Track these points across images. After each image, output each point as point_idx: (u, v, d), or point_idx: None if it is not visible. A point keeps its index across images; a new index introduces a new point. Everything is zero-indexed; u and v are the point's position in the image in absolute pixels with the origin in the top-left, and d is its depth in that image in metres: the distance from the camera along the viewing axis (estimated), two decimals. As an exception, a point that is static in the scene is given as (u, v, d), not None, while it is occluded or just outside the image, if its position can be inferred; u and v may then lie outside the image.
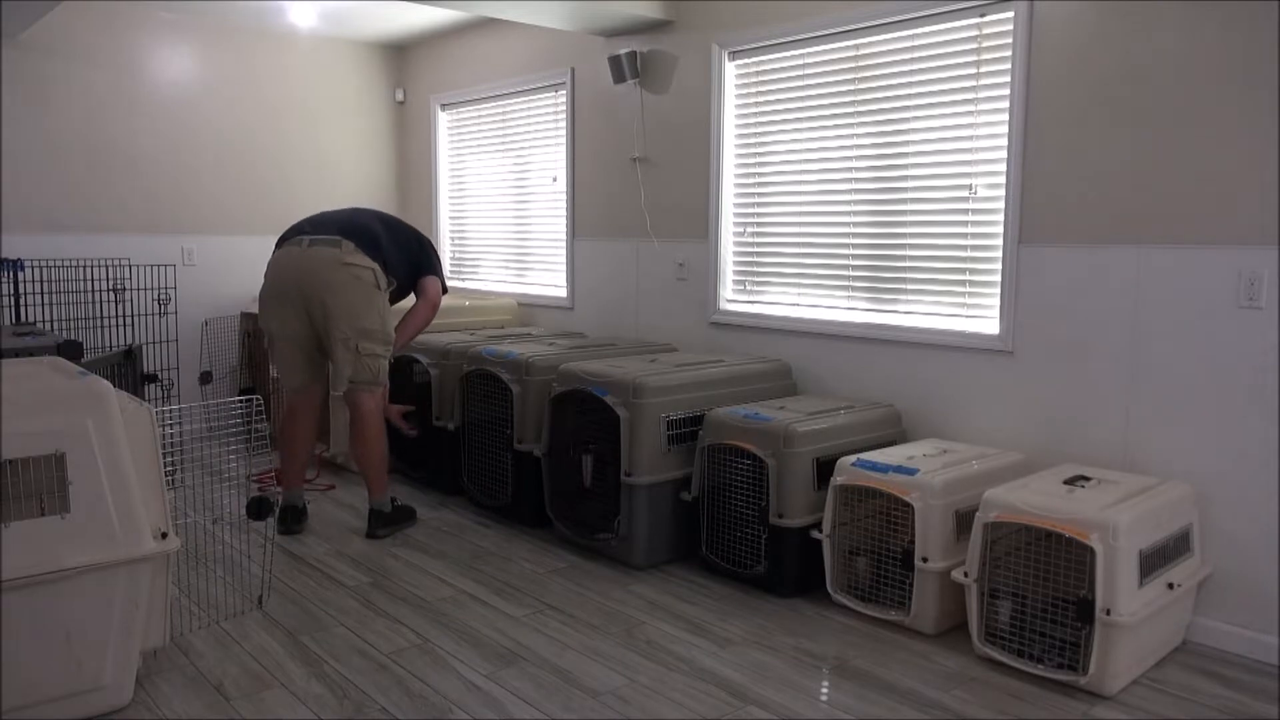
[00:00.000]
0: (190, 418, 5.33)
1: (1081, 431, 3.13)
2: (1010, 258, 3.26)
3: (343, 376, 3.59)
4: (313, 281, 3.50)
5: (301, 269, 3.52)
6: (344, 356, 3.54)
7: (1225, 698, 2.56)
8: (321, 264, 3.51)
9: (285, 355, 3.63)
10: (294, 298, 3.53)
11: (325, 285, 3.49)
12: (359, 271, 3.53)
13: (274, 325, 3.61)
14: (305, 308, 3.53)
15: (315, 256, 3.52)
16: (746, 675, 2.64)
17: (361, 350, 3.55)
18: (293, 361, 3.63)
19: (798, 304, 4.02)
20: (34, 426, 2.20)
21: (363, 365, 3.58)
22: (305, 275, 3.51)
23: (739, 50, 4.12)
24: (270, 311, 3.61)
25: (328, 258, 3.51)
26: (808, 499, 3.16)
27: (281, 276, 3.57)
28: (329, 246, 3.54)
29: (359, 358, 3.56)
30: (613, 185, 4.78)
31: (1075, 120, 3.08)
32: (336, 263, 3.51)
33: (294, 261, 3.55)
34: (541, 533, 3.87)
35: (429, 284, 3.86)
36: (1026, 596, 2.72)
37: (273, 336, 3.63)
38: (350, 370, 3.57)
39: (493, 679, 2.60)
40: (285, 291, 3.55)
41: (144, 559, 2.31)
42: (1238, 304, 2.78)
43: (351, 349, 3.53)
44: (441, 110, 5.96)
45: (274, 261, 3.63)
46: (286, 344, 3.61)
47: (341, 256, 3.51)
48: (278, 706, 2.44)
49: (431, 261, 3.89)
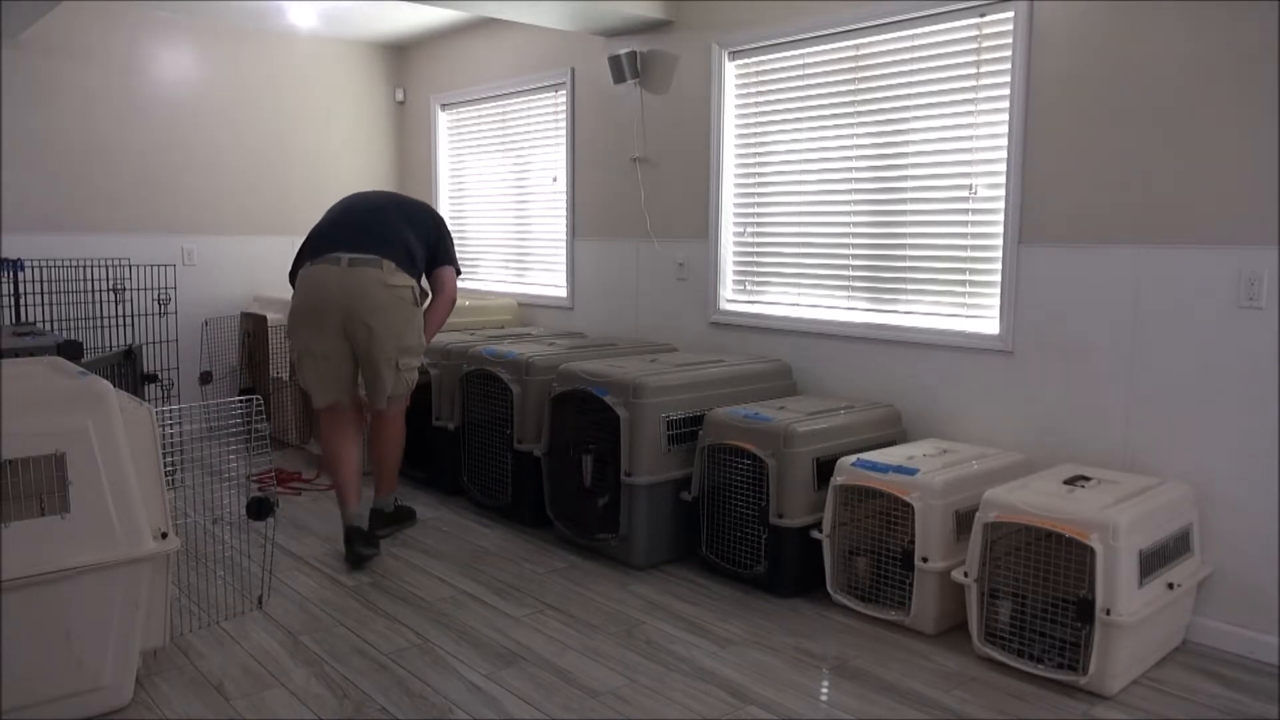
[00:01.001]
0: (190, 418, 5.33)
1: (1081, 431, 3.13)
2: (1010, 258, 3.26)
3: (384, 394, 3.52)
4: (357, 305, 3.39)
5: (344, 291, 3.40)
6: (388, 375, 3.49)
7: (1225, 698, 2.56)
8: (366, 286, 3.40)
9: (319, 373, 3.50)
10: (334, 318, 3.42)
11: (370, 309, 3.40)
12: (401, 292, 3.47)
13: (309, 343, 3.48)
14: (344, 328, 3.44)
15: (358, 278, 3.40)
16: (746, 675, 2.64)
17: (402, 367, 3.52)
18: (326, 379, 3.51)
19: (798, 304, 4.02)
20: (34, 426, 2.20)
21: (401, 380, 3.54)
22: (349, 298, 3.39)
23: (739, 50, 4.12)
24: (306, 330, 3.47)
25: (371, 279, 3.41)
26: (808, 499, 3.16)
27: (320, 296, 3.42)
28: (371, 268, 3.42)
29: (399, 374, 3.52)
30: (613, 185, 4.78)
31: (1075, 120, 3.08)
32: (380, 284, 3.41)
33: (334, 281, 3.41)
34: (541, 533, 3.86)
35: (446, 276, 3.74)
36: (1026, 596, 2.72)
37: (306, 354, 3.50)
38: (390, 387, 3.52)
39: (493, 679, 2.60)
40: (324, 311, 3.42)
41: (144, 559, 2.31)
42: (1238, 304, 2.78)
43: (394, 367, 3.49)
44: (441, 110, 5.96)
45: (310, 280, 3.46)
46: (321, 362, 3.49)
47: (384, 278, 3.42)
48: (278, 706, 2.44)
49: (448, 248, 3.77)
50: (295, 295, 3.52)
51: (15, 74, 4.87)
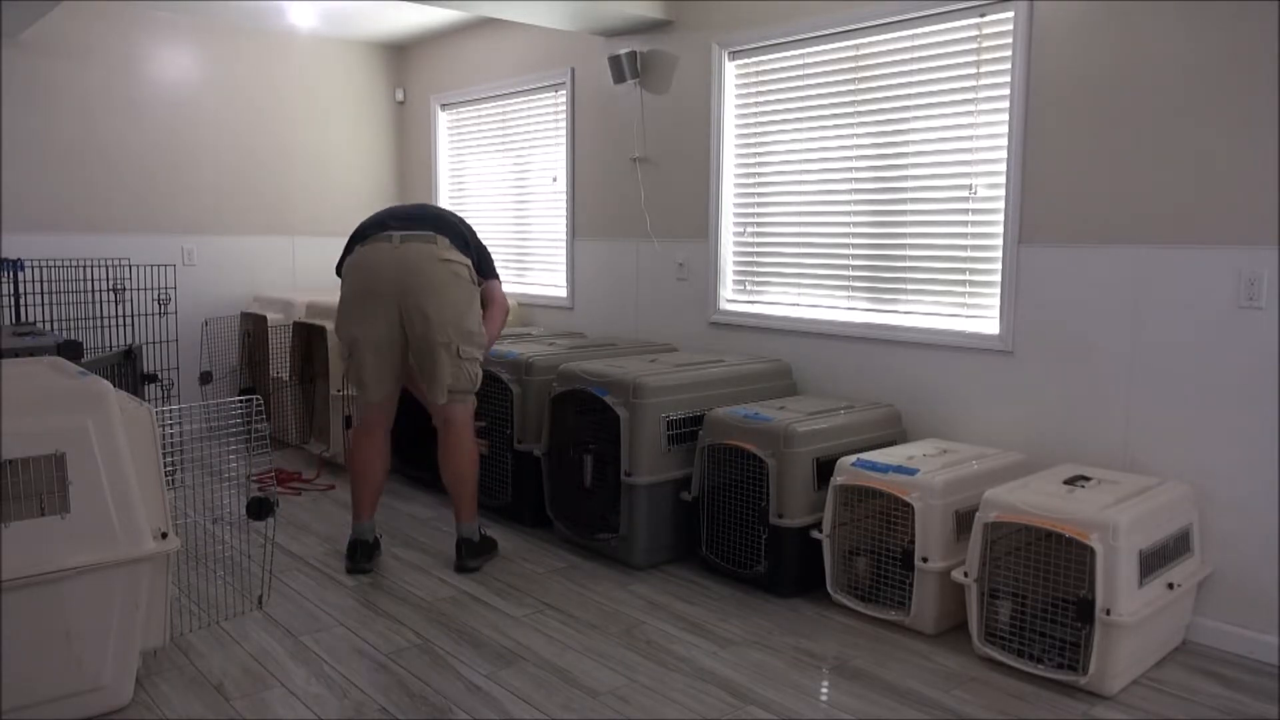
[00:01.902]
0: (190, 418, 5.33)
1: (1081, 431, 3.13)
2: (1010, 258, 3.26)
3: (443, 385, 3.24)
4: (413, 280, 3.17)
5: (399, 266, 3.18)
6: (445, 362, 3.22)
7: (1225, 698, 2.56)
8: (421, 260, 3.19)
9: (372, 364, 3.25)
10: (388, 299, 3.19)
11: (427, 283, 3.17)
12: (457, 268, 3.24)
13: (362, 330, 3.23)
14: (399, 309, 3.20)
15: (413, 253, 3.19)
16: (746, 675, 2.64)
17: (462, 354, 3.25)
18: (379, 371, 3.26)
19: (798, 304, 4.02)
20: (34, 426, 2.20)
21: (462, 371, 3.27)
22: (404, 274, 3.17)
23: (739, 50, 4.12)
24: (357, 315, 3.24)
25: (426, 254, 3.20)
26: (808, 499, 3.16)
27: (373, 275, 3.20)
28: (424, 242, 3.22)
29: (459, 363, 3.25)
30: (613, 185, 4.78)
31: (1075, 120, 3.08)
32: (435, 259, 3.20)
33: (387, 258, 3.19)
34: (541, 533, 3.87)
35: (493, 289, 3.54)
36: (1026, 596, 2.72)
37: (356, 344, 3.25)
38: (450, 377, 3.25)
39: (493, 679, 2.60)
40: (378, 292, 3.19)
41: (144, 559, 2.31)
42: (1238, 304, 2.78)
43: (453, 353, 3.22)
44: (441, 110, 5.96)
45: (360, 261, 3.25)
46: (374, 352, 3.24)
47: (439, 252, 3.21)
48: (278, 706, 2.44)
49: (491, 263, 3.56)
50: (346, 280, 3.30)
51: (15, 74, 4.87)
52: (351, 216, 6.15)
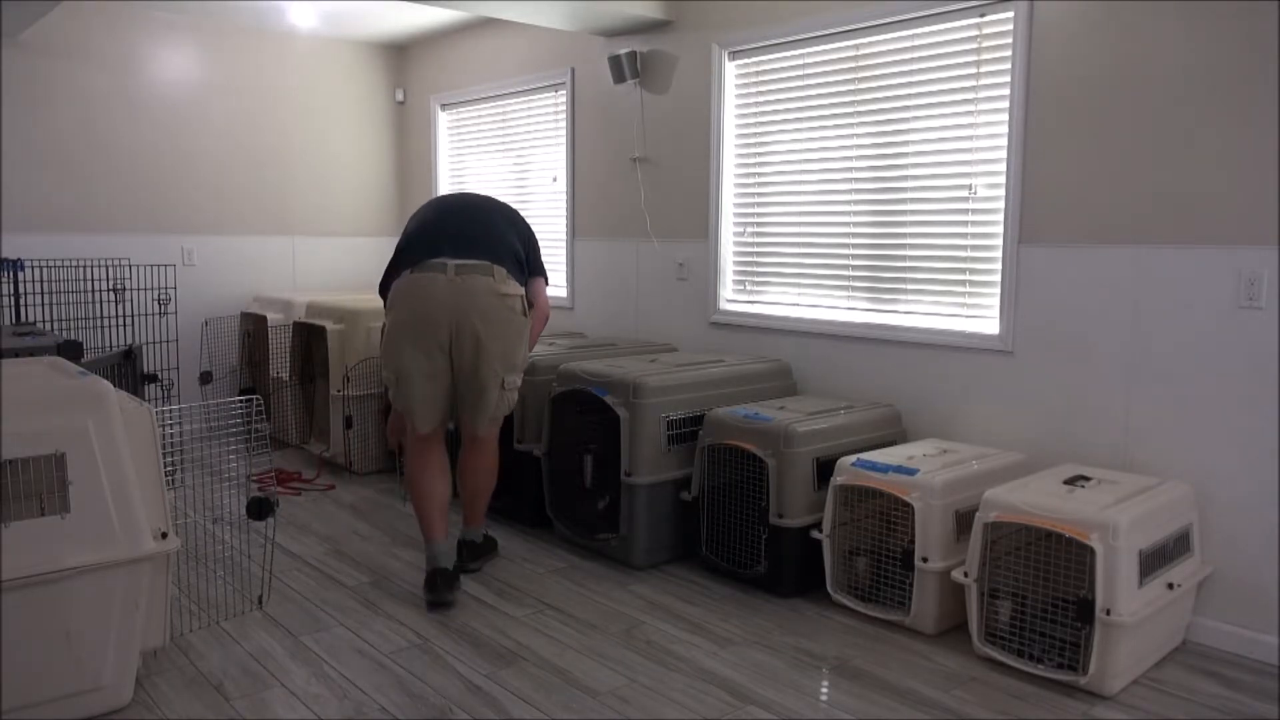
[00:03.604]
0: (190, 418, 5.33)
1: (1081, 431, 3.13)
2: (1010, 258, 3.26)
3: (487, 417, 3.23)
4: (468, 318, 3.09)
5: (454, 301, 3.08)
6: (493, 395, 3.18)
7: (1225, 698, 2.56)
8: (477, 296, 3.09)
9: (423, 395, 3.16)
10: (443, 333, 3.10)
11: (481, 321, 3.09)
12: (513, 302, 3.17)
13: (412, 362, 3.13)
14: (451, 343, 3.12)
15: (469, 288, 3.09)
16: (746, 675, 2.64)
17: (506, 386, 3.21)
18: (430, 401, 3.17)
19: (798, 304, 4.02)
20: (34, 426, 2.20)
21: (504, 400, 3.24)
22: (459, 310, 3.08)
23: (739, 50, 4.12)
24: (409, 347, 3.12)
25: (483, 288, 3.10)
26: (808, 499, 3.16)
27: (427, 308, 3.09)
28: (481, 275, 3.12)
29: (503, 393, 3.21)
30: (613, 185, 4.78)
31: (1075, 120, 3.08)
32: (493, 294, 3.11)
33: (442, 291, 3.08)
34: (541, 533, 3.86)
35: (538, 289, 3.41)
36: (1026, 596, 2.72)
37: (405, 375, 3.14)
38: (493, 408, 3.23)
39: (493, 679, 2.60)
40: (432, 326, 3.09)
41: (144, 559, 2.31)
42: (1238, 304, 2.78)
43: (499, 386, 3.18)
44: (441, 110, 5.96)
45: (413, 290, 3.12)
46: (427, 381, 3.14)
47: (496, 286, 3.12)
48: (278, 706, 2.44)
49: (539, 257, 3.44)
50: (396, 308, 3.17)
51: (15, 74, 4.87)
52: (351, 216, 6.16)
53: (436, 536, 3.19)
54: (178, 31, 5.36)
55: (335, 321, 4.71)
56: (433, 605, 3.10)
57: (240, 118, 5.63)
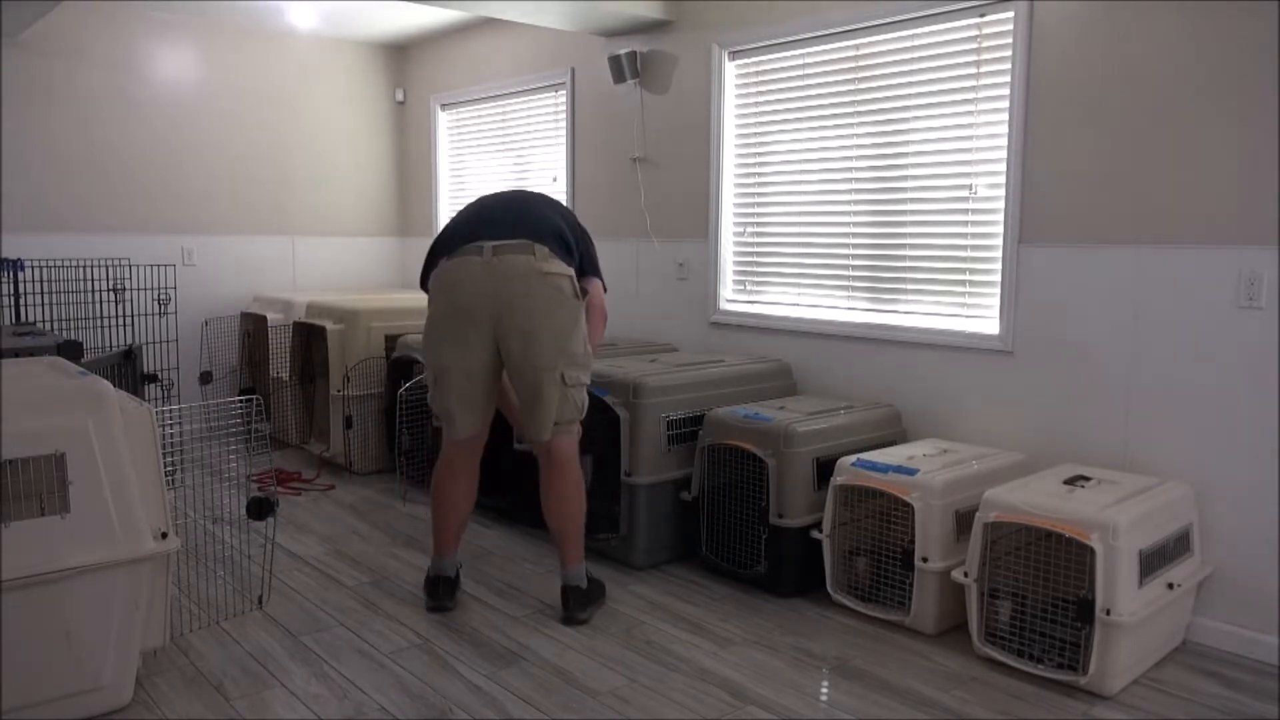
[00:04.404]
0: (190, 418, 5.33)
1: (1081, 431, 3.13)
2: (1010, 258, 3.26)
3: (548, 421, 2.86)
4: (510, 298, 2.79)
5: (493, 283, 2.80)
6: (551, 393, 2.83)
7: (1225, 698, 2.56)
8: (517, 276, 2.79)
9: (463, 394, 2.89)
10: (482, 321, 2.82)
11: (523, 303, 2.79)
12: (559, 281, 2.83)
13: (451, 357, 2.86)
14: (493, 333, 2.83)
15: (508, 268, 2.80)
16: (746, 675, 2.64)
17: (568, 381, 2.85)
18: (471, 401, 2.90)
19: (798, 304, 4.02)
20: (34, 426, 2.20)
21: (569, 400, 2.87)
22: (499, 291, 2.79)
23: (739, 50, 4.12)
24: (446, 339, 2.86)
25: (523, 268, 2.80)
26: (808, 499, 3.16)
27: (464, 294, 2.82)
28: (520, 254, 2.81)
29: (566, 391, 2.86)
30: (613, 185, 4.78)
31: (1075, 120, 3.08)
32: (534, 273, 2.80)
33: (479, 274, 2.81)
34: (541, 533, 3.86)
35: (593, 288, 3.10)
36: (1026, 596, 2.72)
37: (445, 371, 2.88)
38: (556, 409, 2.86)
39: (493, 679, 2.60)
40: (470, 313, 2.81)
41: (144, 559, 2.31)
42: (1238, 304, 2.78)
43: (558, 382, 2.83)
44: (441, 110, 5.96)
45: (448, 278, 2.86)
46: (465, 380, 2.87)
47: (538, 265, 2.81)
48: (278, 706, 2.44)
49: (594, 257, 3.14)
50: (433, 300, 2.92)
51: (15, 74, 4.87)
52: (351, 216, 6.16)
53: (446, 552, 3.06)
54: (177, 31, 5.36)
55: (335, 321, 4.71)
56: (432, 609, 3.06)
57: (240, 118, 5.63)
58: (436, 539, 3.06)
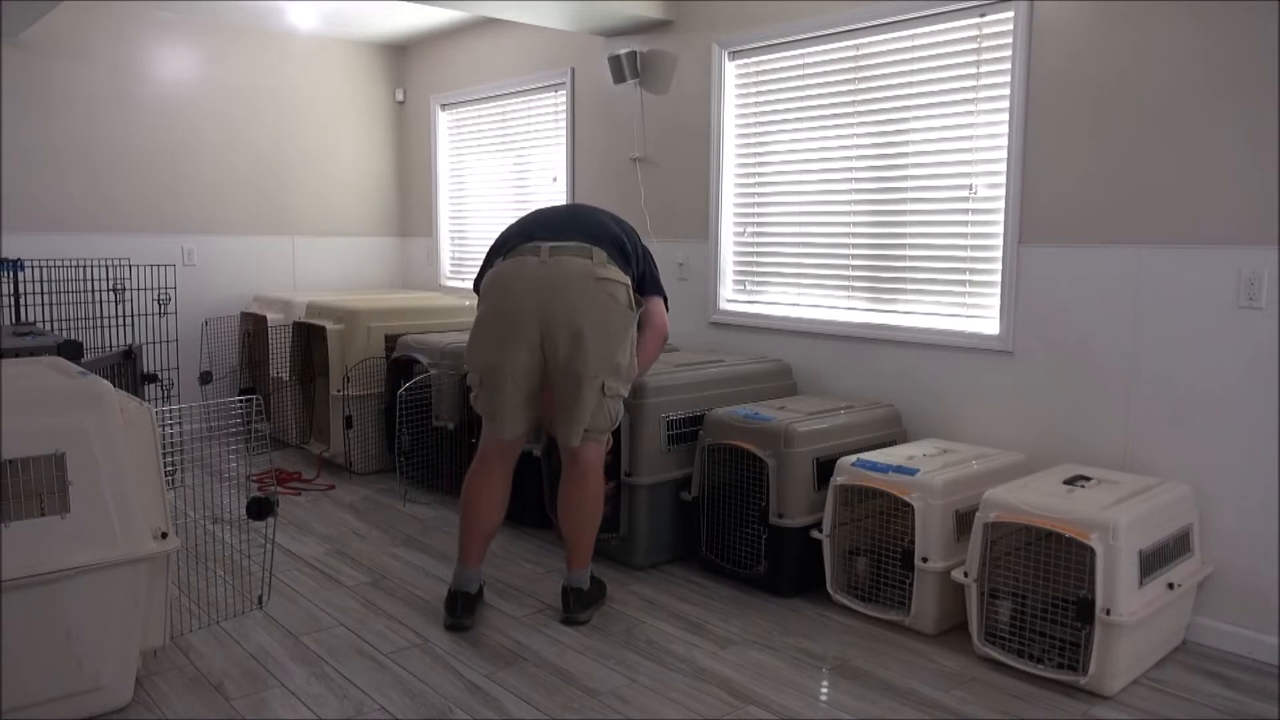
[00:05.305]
0: (190, 418, 5.33)
1: (1081, 431, 3.13)
2: (1010, 258, 3.26)
3: (580, 426, 2.83)
4: (561, 302, 2.73)
5: (546, 284, 2.74)
6: (590, 400, 2.79)
7: (1225, 698, 2.56)
8: (572, 279, 2.74)
9: (511, 396, 2.81)
10: (532, 323, 2.75)
11: (577, 307, 2.73)
12: (614, 289, 2.78)
13: (498, 359, 2.79)
14: (542, 336, 2.77)
15: (563, 270, 2.74)
16: (746, 675, 2.64)
17: (607, 391, 2.81)
18: (515, 405, 2.83)
19: (798, 304, 4.02)
20: (34, 426, 2.20)
21: (604, 409, 2.84)
22: (551, 292, 2.73)
23: (739, 50, 4.12)
24: (495, 341, 2.80)
25: (578, 271, 2.74)
26: (808, 499, 3.16)
27: (515, 296, 2.76)
28: (577, 256, 2.77)
29: (603, 400, 2.81)
30: (613, 185, 4.78)
31: (1075, 120, 3.08)
32: (589, 277, 2.75)
33: (532, 275, 2.76)
34: (541, 533, 3.86)
35: (654, 307, 3.06)
36: (1026, 596, 2.72)
37: (493, 373, 2.82)
38: (591, 416, 2.83)
39: (493, 679, 2.60)
40: (521, 315, 2.75)
41: (144, 559, 2.31)
42: (1238, 304, 2.78)
43: (598, 390, 2.78)
44: (441, 110, 5.96)
45: (501, 277, 2.81)
46: (514, 382, 2.80)
47: (594, 269, 2.76)
48: (278, 706, 2.44)
49: (655, 274, 3.09)
50: (483, 301, 2.87)
51: (15, 74, 4.87)
52: (351, 216, 6.16)
53: (471, 563, 2.95)
54: (178, 31, 5.36)
55: (335, 321, 4.71)
56: (450, 627, 2.93)
57: (240, 118, 5.63)
58: (462, 548, 2.96)
